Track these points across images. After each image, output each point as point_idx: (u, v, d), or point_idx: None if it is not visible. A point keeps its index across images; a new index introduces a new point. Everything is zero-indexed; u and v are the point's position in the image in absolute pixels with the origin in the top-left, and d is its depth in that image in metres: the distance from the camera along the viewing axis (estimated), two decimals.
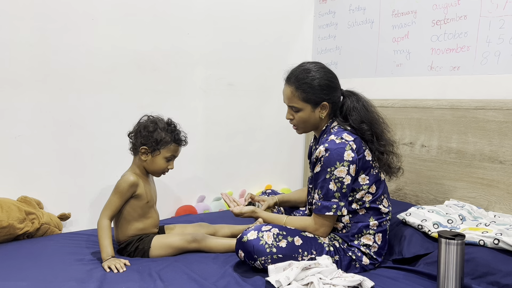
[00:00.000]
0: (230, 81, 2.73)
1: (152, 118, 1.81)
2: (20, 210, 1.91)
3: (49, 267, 1.60)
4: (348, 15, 2.75)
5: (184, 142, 1.85)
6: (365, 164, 1.64)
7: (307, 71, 1.69)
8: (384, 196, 1.72)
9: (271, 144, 2.94)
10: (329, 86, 1.68)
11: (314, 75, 1.67)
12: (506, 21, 1.98)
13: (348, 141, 1.62)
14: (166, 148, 1.78)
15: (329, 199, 1.60)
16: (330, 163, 1.59)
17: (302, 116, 1.71)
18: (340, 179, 1.59)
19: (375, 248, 1.68)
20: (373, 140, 1.68)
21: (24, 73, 2.09)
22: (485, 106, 1.99)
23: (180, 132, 1.83)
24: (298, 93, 1.68)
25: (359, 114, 1.69)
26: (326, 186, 1.60)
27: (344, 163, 1.59)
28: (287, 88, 1.72)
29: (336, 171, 1.59)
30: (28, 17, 2.07)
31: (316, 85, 1.67)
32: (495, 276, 1.48)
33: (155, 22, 2.42)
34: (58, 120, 2.19)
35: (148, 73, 2.43)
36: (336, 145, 1.60)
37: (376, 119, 1.72)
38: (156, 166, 1.80)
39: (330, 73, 1.72)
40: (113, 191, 1.76)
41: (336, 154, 1.59)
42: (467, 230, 1.65)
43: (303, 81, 1.68)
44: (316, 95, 1.67)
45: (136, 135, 1.79)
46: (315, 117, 1.71)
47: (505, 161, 1.92)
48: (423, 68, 2.34)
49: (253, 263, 1.57)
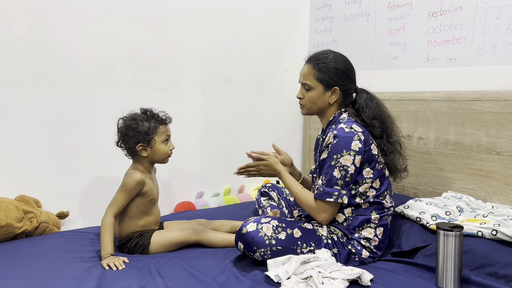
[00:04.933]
0: (226, 76, 2.72)
1: (127, 117, 1.82)
2: (18, 209, 1.91)
3: (48, 265, 1.60)
4: (344, 8, 2.74)
5: (168, 119, 1.86)
6: (370, 158, 1.65)
7: (328, 54, 1.75)
8: (387, 193, 1.72)
9: (268, 139, 2.92)
10: (344, 73, 1.72)
11: (333, 59, 1.73)
12: (502, 12, 1.98)
13: (357, 131, 1.64)
14: (157, 133, 1.80)
15: (331, 186, 1.61)
16: (337, 150, 1.61)
17: (312, 95, 1.74)
18: (345, 167, 1.60)
19: (375, 241, 1.68)
20: (383, 137, 1.72)
21: (19, 71, 2.07)
22: (482, 98, 1.99)
23: (159, 113, 1.84)
24: (314, 71, 1.73)
25: (372, 111, 1.73)
26: (330, 173, 1.61)
27: (350, 152, 1.60)
28: (305, 66, 1.77)
29: (342, 159, 1.60)
30: (22, 15, 2.05)
31: (332, 68, 1.71)
32: (494, 267, 1.49)
33: (151, 19, 2.41)
34: (54, 118, 2.18)
35: (144, 70, 2.42)
36: (345, 133, 1.62)
37: (387, 118, 1.76)
38: (160, 153, 1.82)
39: (349, 63, 1.77)
40: (119, 188, 1.76)
41: (344, 142, 1.61)
42: (465, 222, 1.66)
43: (321, 61, 1.73)
44: (330, 77, 1.71)
45: (124, 140, 1.80)
46: (324, 100, 1.74)
47: (503, 152, 1.92)
48: (419, 60, 2.33)
49: (253, 255, 1.59)
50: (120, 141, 1.82)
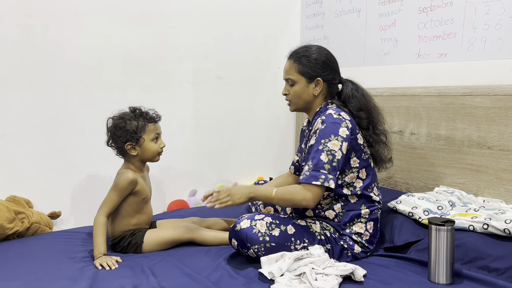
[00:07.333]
0: (218, 73, 2.71)
1: (116, 116, 1.81)
2: (9, 210, 1.89)
3: (40, 266, 1.59)
4: (335, 4, 2.74)
5: (157, 117, 1.85)
6: (357, 146, 1.66)
7: (308, 47, 1.77)
8: (375, 184, 1.74)
9: (261, 136, 2.94)
10: (325, 63, 1.73)
11: (314, 51, 1.75)
12: (491, 7, 1.98)
13: (345, 119, 1.65)
14: (146, 131, 1.78)
15: (318, 170, 1.59)
16: (324, 135, 1.61)
17: (296, 90, 1.75)
18: (333, 151, 1.59)
19: (366, 236, 1.69)
20: (369, 128, 1.72)
21: (8, 70, 2.05)
22: (473, 92, 2.00)
23: (149, 112, 1.83)
24: (295, 65, 1.74)
25: (358, 102, 1.74)
26: (317, 157, 1.60)
27: (338, 137, 1.61)
28: (287, 62, 1.78)
29: (330, 143, 1.60)
30: (11, 13, 2.03)
31: (313, 59, 1.72)
32: (485, 260, 1.50)
33: (141, 16, 2.39)
34: (44, 118, 2.16)
35: (135, 68, 2.40)
36: (333, 119, 1.63)
37: (374, 109, 1.77)
38: (149, 152, 1.81)
39: (329, 53, 1.78)
40: (112, 188, 1.75)
41: (332, 127, 1.61)
42: (457, 216, 1.67)
43: (302, 54, 1.74)
44: (311, 69, 1.72)
45: (114, 139, 1.79)
46: (309, 93, 1.74)
47: (493, 147, 1.93)
48: (410, 56, 2.34)
49: (246, 252, 1.59)
50: (109, 140, 1.81)
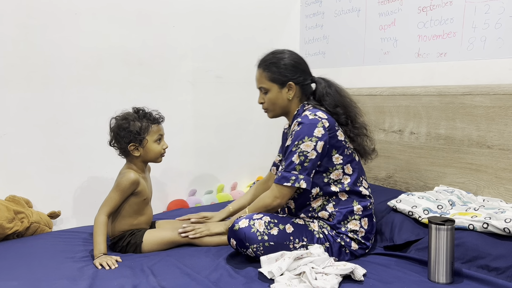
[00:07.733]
0: (218, 73, 2.71)
1: (120, 116, 1.80)
2: (8, 209, 1.89)
3: (40, 265, 1.59)
4: (335, 4, 2.74)
5: (161, 118, 1.85)
6: (337, 143, 1.67)
7: (274, 54, 1.77)
8: (363, 178, 1.75)
9: (261, 136, 2.94)
10: (294, 66, 1.74)
11: (281, 56, 1.75)
12: (491, 6, 1.98)
13: (321, 118, 1.66)
14: (149, 132, 1.78)
15: (289, 171, 1.62)
16: (298, 137, 1.63)
17: (270, 97, 1.76)
18: (305, 153, 1.62)
19: (362, 233, 1.69)
20: (348, 123, 1.73)
21: (7, 70, 2.05)
22: (472, 92, 2.00)
23: (152, 113, 1.83)
24: (265, 73, 1.75)
25: (333, 99, 1.75)
26: (290, 158, 1.63)
27: (312, 138, 1.62)
28: (257, 72, 1.80)
29: (303, 145, 1.62)
30: (10, 13, 2.03)
31: (282, 65, 1.73)
32: (485, 259, 1.50)
33: (141, 16, 2.39)
34: (44, 117, 2.16)
35: (135, 68, 2.40)
36: (308, 120, 1.64)
37: (350, 103, 1.78)
38: (152, 153, 1.80)
39: (297, 56, 1.79)
40: (113, 188, 1.75)
41: (307, 128, 1.63)
42: (457, 215, 1.67)
43: (269, 61, 1.76)
44: (281, 75, 1.73)
45: (117, 139, 1.79)
46: (283, 98, 1.76)
47: (493, 146, 1.93)
48: (410, 55, 2.34)
49: (245, 251, 1.59)
50: (112, 140, 1.81)
